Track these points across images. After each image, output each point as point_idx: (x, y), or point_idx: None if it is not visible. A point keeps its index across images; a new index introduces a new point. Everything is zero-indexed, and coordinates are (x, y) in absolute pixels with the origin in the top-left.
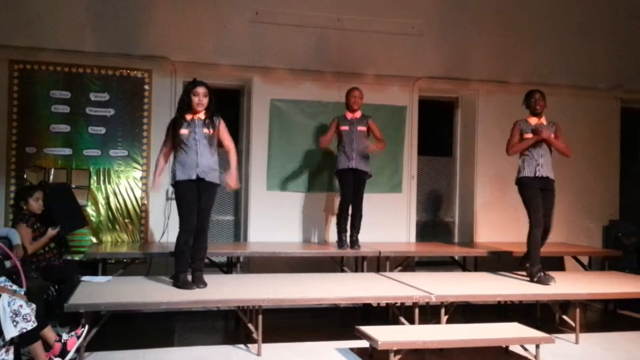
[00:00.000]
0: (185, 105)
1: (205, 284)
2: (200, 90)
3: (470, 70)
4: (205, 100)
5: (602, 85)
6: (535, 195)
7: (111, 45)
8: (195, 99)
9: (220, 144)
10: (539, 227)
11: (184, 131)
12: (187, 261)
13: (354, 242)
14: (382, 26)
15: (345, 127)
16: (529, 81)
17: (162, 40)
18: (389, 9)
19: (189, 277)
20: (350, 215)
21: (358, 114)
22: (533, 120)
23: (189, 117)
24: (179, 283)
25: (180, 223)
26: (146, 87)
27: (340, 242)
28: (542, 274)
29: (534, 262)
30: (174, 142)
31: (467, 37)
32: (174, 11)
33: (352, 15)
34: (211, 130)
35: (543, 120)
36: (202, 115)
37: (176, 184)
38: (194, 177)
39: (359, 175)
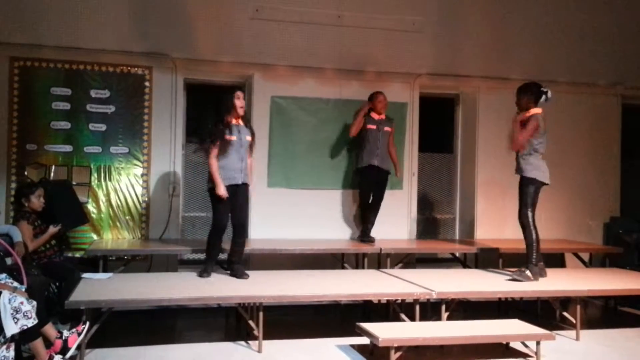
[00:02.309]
0: (229, 109)
1: (247, 275)
2: (241, 93)
3: (471, 66)
4: (244, 104)
5: (603, 82)
6: (537, 194)
7: (111, 42)
8: (238, 103)
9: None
10: (534, 224)
11: (232, 137)
12: (217, 254)
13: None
14: (383, 23)
15: (372, 126)
16: (530, 78)
17: (162, 37)
18: (389, 6)
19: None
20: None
21: (383, 115)
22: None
23: (234, 121)
24: (199, 272)
25: (215, 222)
26: (147, 84)
27: (365, 237)
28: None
29: (538, 258)
30: (220, 147)
31: (467, 33)
32: (174, 8)
33: (353, 12)
34: (251, 137)
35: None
36: (241, 121)
37: (213, 189)
38: (240, 182)
39: (382, 174)
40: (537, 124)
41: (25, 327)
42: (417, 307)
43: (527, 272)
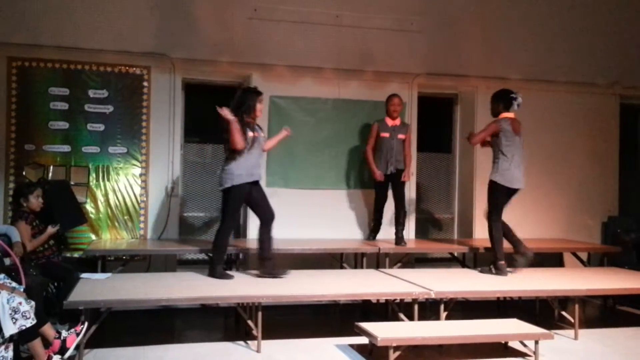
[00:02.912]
0: (249, 110)
1: (287, 272)
2: (262, 98)
3: (470, 66)
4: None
5: (601, 81)
6: (504, 200)
7: (110, 42)
8: (259, 106)
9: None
10: (500, 221)
11: (256, 134)
12: (225, 254)
13: (400, 239)
14: (381, 22)
15: (385, 134)
16: (528, 77)
17: (160, 37)
18: (388, 6)
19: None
20: (394, 214)
21: (398, 121)
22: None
23: (251, 121)
24: (216, 274)
25: (227, 221)
26: (145, 84)
27: (372, 234)
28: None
29: (501, 255)
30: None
31: (466, 33)
32: (172, 8)
33: (351, 11)
34: (264, 133)
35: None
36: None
37: (235, 187)
38: (258, 178)
39: (396, 176)
40: (497, 128)
41: (23, 328)
42: (416, 307)
43: (492, 268)
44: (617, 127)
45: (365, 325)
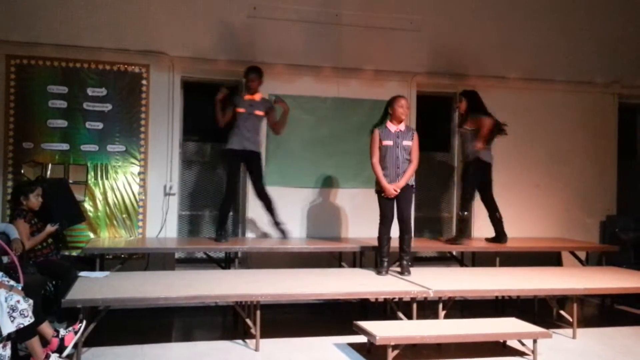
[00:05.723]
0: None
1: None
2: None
3: (469, 65)
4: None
5: (600, 81)
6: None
7: (109, 40)
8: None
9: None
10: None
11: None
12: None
13: (404, 268)
14: (380, 21)
15: (389, 142)
16: (527, 76)
17: (160, 35)
18: (387, 4)
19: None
20: (399, 237)
21: (403, 126)
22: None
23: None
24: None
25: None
26: (144, 82)
27: (380, 267)
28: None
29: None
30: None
31: (465, 32)
32: (172, 6)
33: (350, 10)
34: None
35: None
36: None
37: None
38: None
39: (403, 192)
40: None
41: (21, 326)
42: (415, 306)
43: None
44: (615, 126)
45: (364, 324)
